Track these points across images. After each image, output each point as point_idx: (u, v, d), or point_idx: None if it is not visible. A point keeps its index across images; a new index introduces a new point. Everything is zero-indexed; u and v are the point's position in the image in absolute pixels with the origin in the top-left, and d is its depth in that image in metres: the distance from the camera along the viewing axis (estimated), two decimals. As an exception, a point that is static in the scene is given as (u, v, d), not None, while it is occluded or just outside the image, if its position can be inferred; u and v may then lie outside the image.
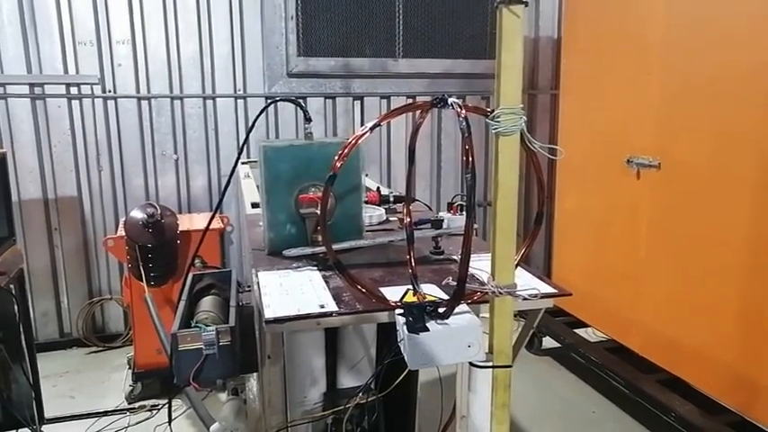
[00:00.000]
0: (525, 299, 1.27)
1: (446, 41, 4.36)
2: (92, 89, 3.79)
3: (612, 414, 3.15)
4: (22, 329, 2.60)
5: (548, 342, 3.74)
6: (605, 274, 3.31)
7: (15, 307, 2.56)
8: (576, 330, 3.57)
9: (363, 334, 1.71)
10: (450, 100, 1.23)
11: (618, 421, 3.08)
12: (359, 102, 4.28)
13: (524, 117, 1.23)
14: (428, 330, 1.21)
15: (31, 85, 3.69)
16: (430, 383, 1.89)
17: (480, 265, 1.47)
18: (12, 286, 2.50)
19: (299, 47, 4.07)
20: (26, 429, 2.57)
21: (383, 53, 4.24)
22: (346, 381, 1.73)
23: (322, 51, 4.12)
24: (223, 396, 3.19)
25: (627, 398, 3.01)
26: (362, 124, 4.27)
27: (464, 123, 1.16)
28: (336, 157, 1.28)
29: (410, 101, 4.35)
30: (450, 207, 2.07)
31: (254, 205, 2.36)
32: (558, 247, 3.83)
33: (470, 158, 1.12)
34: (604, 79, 3.27)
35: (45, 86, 3.71)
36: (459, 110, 1.18)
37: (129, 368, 3.39)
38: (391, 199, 2.35)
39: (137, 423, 3.01)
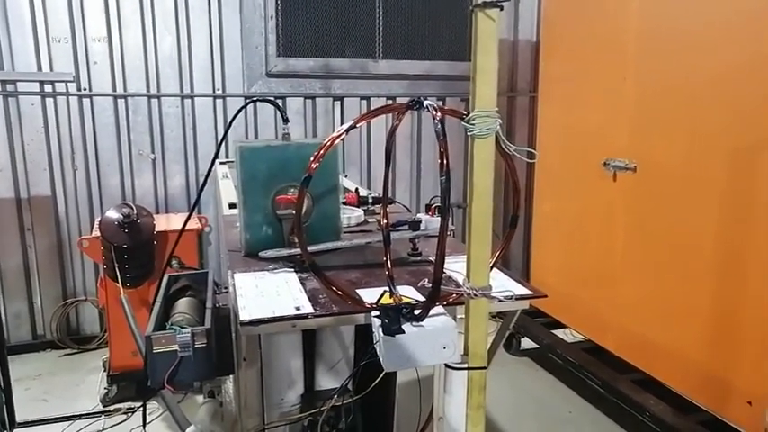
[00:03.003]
0: (500, 300, 1.27)
1: (426, 43, 4.38)
2: (66, 87, 3.73)
3: (589, 414, 3.18)
4: (-8, 332, 2.55)
5: (526, 343, 3.78)
6: (582, 275, 3.35)
7: (-15, 309, 2.50)
8: (553, 331, 3.60)
9: (341, 335, 1.71)
10: (426, 102, 1.23)
11: (594, 421, 3.12)
12: (339, 102, 4.27)
13: (499, 120, 1.24)
14: (404, 332, 1.22)
15: (3, 83, 3.62)
16: (408, 385, 1.89)
17: (457, 267, 1.47)
18: (-18, 288, 2.44)
19: (278, 47, 4.05)
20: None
21: (363, 54, 4.24)
22: (324, 382, 1.73)
23: (302, 51, 4.11)
24: (200, 398, 3.15)
25: (603, 397, 3.05)
26: (342, 125, 4.29)
27: (439, 126, 1.16)
28: (312, 158, 1.28)
29: (390, 102, 4.36)
30: (428, 209, 2.08)
31: (232, 206, 2.35)
32: (536, 249, 3.87)
33: (445, 161, 1.12)
34: (582, 82, 3.31)
35: (17, 84, 3.64)
36: (434, 112, 1.19)
37: (105, 370, 3.34)
38: (370, 200, 2.35)
39: (111, 426, 2.97)
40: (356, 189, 2.43)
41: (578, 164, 3.31)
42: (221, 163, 3.51)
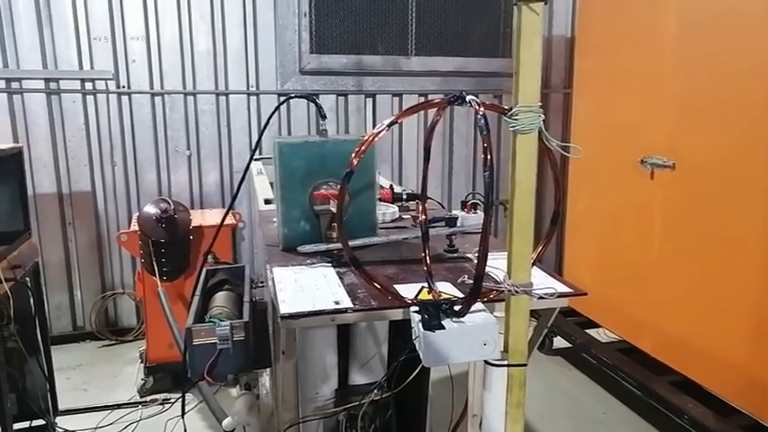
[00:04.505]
0: (542, 298, 1.26)
1: (459, 39, 4.35)
2: (106, 85, 3.82)
3: (623, 415, 3.13)
4: (37, 322, 2.63)
5: (558, 342, 3.73)
6: (617, 274, 3.29)
7: (31, 300, 2.59)
8: (587, 330, 3.56)
9: (376, 332, 1.71)
10: (468, 97, 1.23)
11: (628, 423, 3.07)
12: (371, 99, 4.28)
13: (542, 115, 1.23)
14: (444, 328, 1.21)
15: (47, 81, 3.72)
16: (441, 382, 1.89)
17: (495, 264, 1.46)
18: (27, 279, 2.53)
19: (311, 44, 4.08)
20: (41, 420, 2.60)
21: (396, 51, 4.23)
22: (357, 378, 1.74)
23: (335, 48, 4.13)
24: (234, 391, 3.21)
25: (638, 399, 2.99)
26: (374, 122, 4.31)
27: (482, 121, 1.15)
28: (353, 154, 1.28)
29: (422, 99, 4.35)
30: (464, 205, 2.07)
31: (267, 201, 2.37)
32: (570, 247, 3.82)
33: (489, 156, 1.11)
34: (618, 78, 3.25)
35: (60, 82, 3.75)
36: (477, 107, 1.18)
37: (141, 362, 3.42)
38: (404, 197, 2.34)
39: (148, 417, 3.04)
40: (390, 185, 2.43)
41: (614, 161, 3.25)
42: (255, 159, 3.55)
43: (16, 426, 2.33)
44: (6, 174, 2.46)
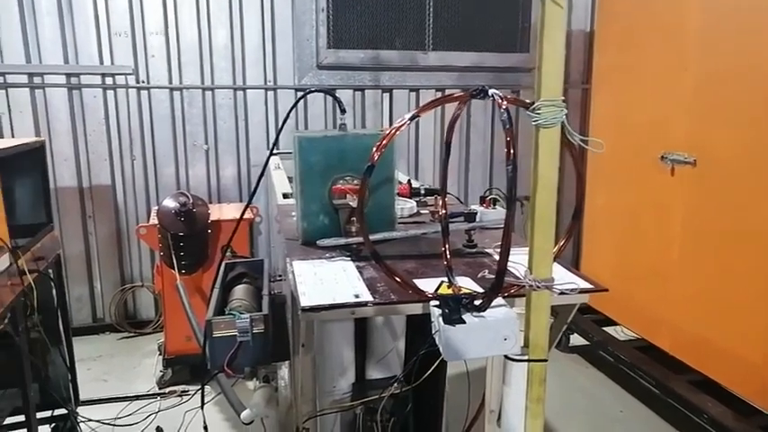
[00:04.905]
0: (563, 293, 1.25)
1: (476, 34, 4.33)
2: (126, 79, 3.86)
3: (641, 414, 3.11)
4: (59, 313, 2.67)
5: (575, 339, 3.71)
6: (636, 271, 3.26)
7: (53, 291, 2.63)
8: (604, 328, 3.53)
9: (393, 326, 1.71)
10: (491, 91, 1.22)
11: (646, 421, 3.04)
12: (388, 94, 4.28)
13: (565, 109, 1.22)
14: (464, 323, 1.21)
15: (68, 75, 3.77)
16: (457, 377, 1.89)
17: (514, 259, 1.45)
18: (50, 271, 2.56)
19: (329, 39, 4.08)
20: (62, 410, 2.65)
21: (413, 46, 4.22)
22: (374, 373, 1.74)
23: (352, 43, 4.13)
24: (250, 384, 3.24)
25: (656, 398, 2.97)
26: (391, 117, 4.30)
27: (505, 115, 1.15)
28: (374, 148, 1.28)
29: (438, 94, 4.34)
30: (482, 200, 2.06)
31: (286, 196, 2.39)
32: (588, 243, 3.79)
33: (512, 150, 1.11)
34: (639, 73, 3.21)
35: (81, 77, 3.79)
36: (500, 101, 1.17)
37: (160, 354, 3.46)
38: (422, 191, 2.34)
39: (167, 408, 3.07)
40: (408, 180, 2.43)
41: (633, 157, 3.22)
42: (273, 154, 3.57)
43: (39, 415, 2.36)
44: (29, 167, 2.49)
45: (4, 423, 2.28)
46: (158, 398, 3.19)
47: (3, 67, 3.63)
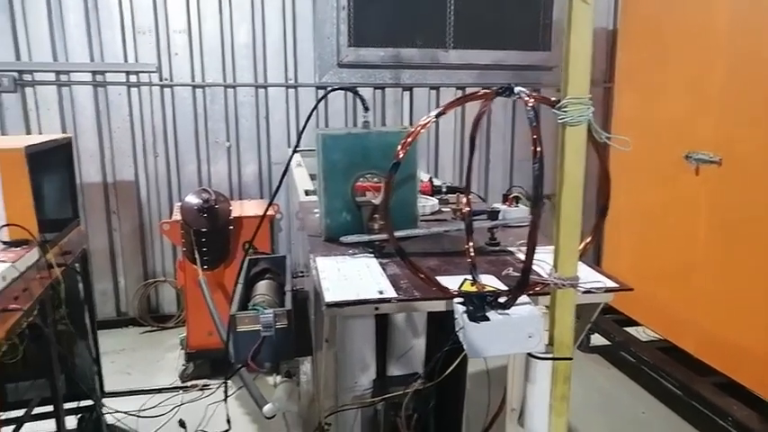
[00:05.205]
0: (589, 292, 1.25)
1: (497, 32, 4.31)
2: (150, 77, 3.91)
3: (663, 415, 3.07)
4: (86, 307, 2.72)
5: (596, 339, 3.68)
6: (659, 271, 3.22)
7: (80, 285, 2.68)
8: (625, 328, 3.49)
9: (414, 323, 1.72)
10: (517, 89, 1.22)
11: (669, 423, 3.01)
12: (408, 93, 4.28)
13: (592, 107, 1.21)
14: (488, 320, 1.21)
15: (94, 73, 3.83)
16: (476, 376, 1.89)
17: (538, 257, 1.45)
18: (77, 265, 2.61)
19: (349, 37, 4.09)
20: (88, 401, 2.70)
21: (433, 44, 4.21)
22: (394, 369, 1.75)
23: (372, 41, 4.13)
24: (270, 379, 3.26)
25: (679, 400, 2.94)
26: (411, 115, 4.30)
27: (532, 113, 1.15)
28: (400, 146, 1.29)
29: (459, 92, 4.33)
30: (505, 198, 2.05)
31: (308, 193, 2.40)
32: (609, 242, 3.75)
33: (539, 148, 1.10)
34: (663, 71, 3.17)
35: (106, 74, 3.85)
36: (526, 99, 1.17)
37: (182, 348, 3.51)
38: (444, 189, 2.34)
39: (189, 401, 3.11)
40: (430, 178, 2.43)
41: (657, 156, 3.18)
42: (293, 152, 3.59)
43: (65, 405, 2.41)
44: (57, 163, 2.54)
45: (33, 413, 2.33)
46: (180, 391, 3.23)
47: (31, 65, 3.70)
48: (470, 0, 4.20)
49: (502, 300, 1.24)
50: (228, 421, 2.03)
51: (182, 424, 2.82)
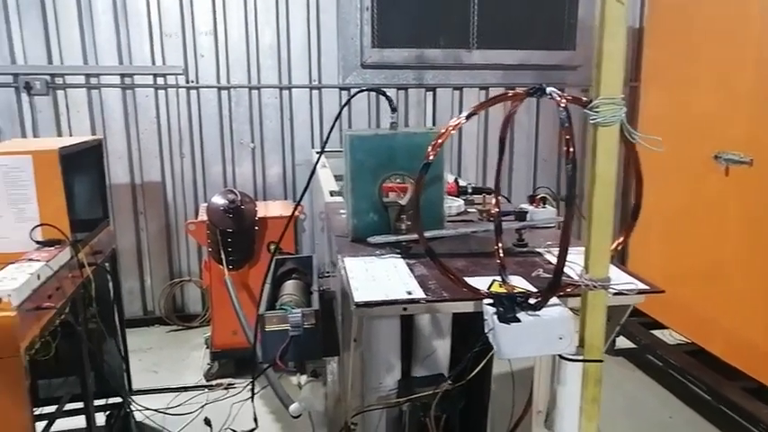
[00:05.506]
0: (621, 293, 1.24)
1: (521, 32, 4.28)
2: (176, 79, 3.97)
3: (691, 420, 3.02)
4: (115, 305, 2.77)
5: (621, 342, 3.63)
6: (687, 274, 3.17)
7: (109, 284, 2.73)
8: (652, 331, 3.44)
9: (439, 324, 1.72)
10: (549, 89, 1.21)
11: (696, 428, 2.96)
12: (431, 93, 4.28)
13: (624, 107, 1.20)
14: (519, 321, 1.21)
15: (122, 76, 3.90)
16: (501, 377, 1.88)
17: (567, 258, 1.44)
18: (106, 264, 2.66)
19: (373, 38, 4.11)
20: (117, 398, 2.75)
21: (457, 44, 4.20)
22: (419, 370, 1.75)
23: (396, 42, 4.14)
24: (294, 379, 3.29)
25: (707, 404, 2.89)
26: (435, 116, 4.30)
27: (564, 113, 1.14)
28: (430, 147, 1.29)
29: (483, 92, 4.31)
30: (531, 199, 2.04)
31: (333, 193, 2.41)
32: (636, 243, 3.69)
33: (572, 149, 1.10)
34: (692, 69, 3.12)
35: (134, 77, 3.92)
36: (558, 99, 1.17)
37: (207, 347, 3.55)
38: (469, 190, 2.33)
39: (215, 400, 3.15)
40: (455, 179, 2.43)
41: (685, 157, 3.13)
42: (317, 153, 3.61)
43: (95, 402, 2.46)
44: (89, 164, 2.59)
45: (64, 409, 2.38)
46: (206, 390, 3.27)
47: (63, 68, 3.78)
48: (493, 0, 4.18)
49: (532, 301, 1.23)
50: (255, 420, 2.05)
51: (207, 422, 2.86)
